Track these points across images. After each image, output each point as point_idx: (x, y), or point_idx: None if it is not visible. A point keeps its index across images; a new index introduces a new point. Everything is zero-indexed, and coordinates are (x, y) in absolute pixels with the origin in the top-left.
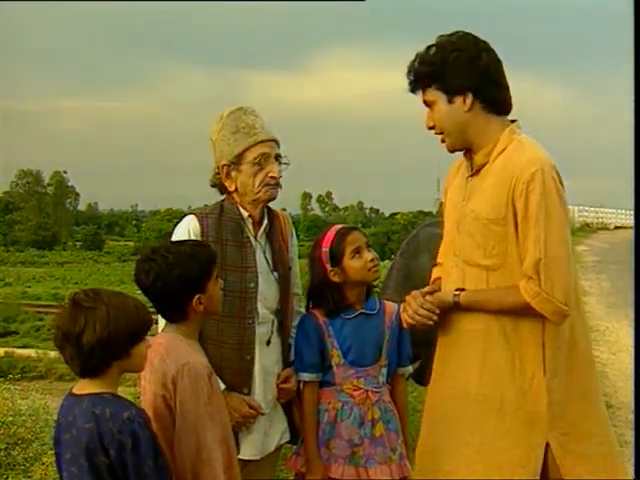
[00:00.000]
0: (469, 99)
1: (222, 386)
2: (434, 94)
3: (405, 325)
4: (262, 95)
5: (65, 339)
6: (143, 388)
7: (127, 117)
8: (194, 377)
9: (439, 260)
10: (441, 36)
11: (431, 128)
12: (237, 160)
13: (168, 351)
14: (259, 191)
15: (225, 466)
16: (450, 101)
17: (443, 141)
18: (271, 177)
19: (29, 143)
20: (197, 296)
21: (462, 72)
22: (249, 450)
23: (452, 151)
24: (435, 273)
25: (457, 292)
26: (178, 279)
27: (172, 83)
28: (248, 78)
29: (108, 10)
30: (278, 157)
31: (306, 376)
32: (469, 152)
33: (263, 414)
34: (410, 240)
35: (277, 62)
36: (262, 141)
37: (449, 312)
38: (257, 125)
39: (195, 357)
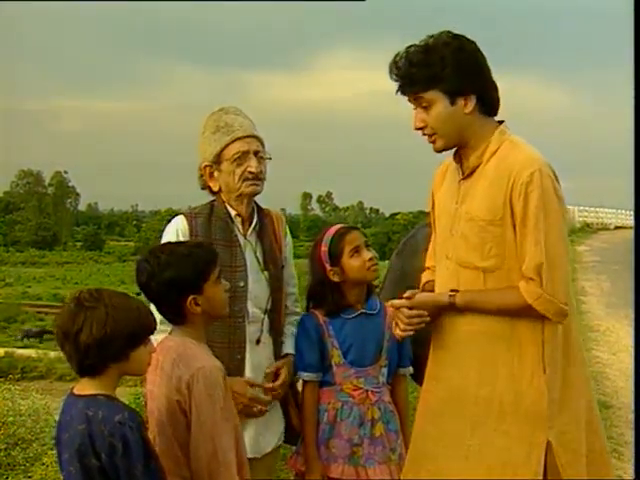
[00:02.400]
0: (472, 101)
1: None
2: (433, 96)
3: (400, 339)
4: (262, 95)
5: (64, 337)
6: (150, 392)
7: (127, 117)
8: (210, 381)
9: (428, 264)
10: (430, 37)
11: (420, 129)
12: (217, 159)
13: (180, 355)
14: (240, 186)
15: (237, 467)
16: (452, 103)
17: (432, 142)
18: (249, 172)
19: (29, 143)
20: (191, 297)
21: (464, 73)
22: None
23: (440, 151)
24: (425, 277)
25: (452, 293)
26: (170, 280)
27: (172, 83)
28: (248, 78)
29: (108, 10)
30: (257, 153)
31: (306, 376)
32: (458, 155)
33: (267, 387)
34: (407, 240)
35: (277, 62)
36: (239, 138)
37: (445, 313)
38: (236, 123)
39: (209, 360)
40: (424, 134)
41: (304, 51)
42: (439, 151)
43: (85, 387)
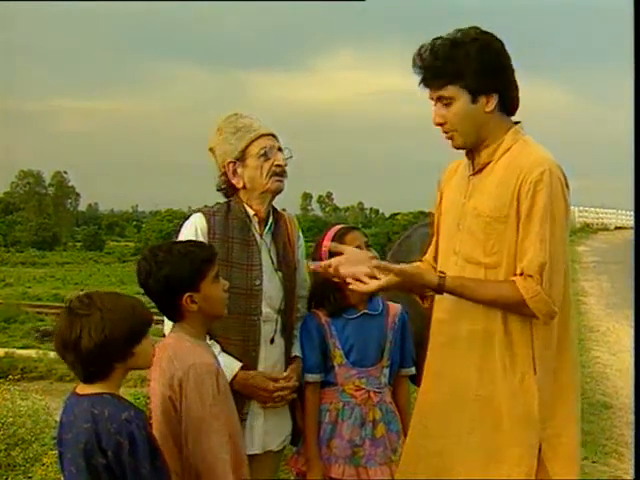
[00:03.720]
0: (493, 100)
1: (239, 364)
2: (455, 92)
3: (312, 269)
4: (263, 95)
5: (64, 347)
6: (153, 389)
7: (128, 117)
8: (200, 379)
9: (424, 258)
10: (458, 30)
11: (440, 125)
12: (242, 156)
13: (175, 352)
14: (267, 182)
15: (234, 466)
16: (474, 101)
17: (450, 138)
18: (277, 165)
19: (29, 143)
20: (187, 295)
21: (488, 72)
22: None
23: (459, 149)
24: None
25: (442, 274)
26: (165, 278)
27: (172, 83)
28: (249, 78)
29: (108, 10)
30: (281, 149)
31: (309, 377)
32: (471, 151)
33: (285, 376)
34: (402, 241)
35: (278, 62)
36: (263, 135)
37: (444, 312)
38: (255, 124)
39: (202, 357)
40: (444, 131)
41: (305, 51)
42: (458, 148)
43: (89, 387)
